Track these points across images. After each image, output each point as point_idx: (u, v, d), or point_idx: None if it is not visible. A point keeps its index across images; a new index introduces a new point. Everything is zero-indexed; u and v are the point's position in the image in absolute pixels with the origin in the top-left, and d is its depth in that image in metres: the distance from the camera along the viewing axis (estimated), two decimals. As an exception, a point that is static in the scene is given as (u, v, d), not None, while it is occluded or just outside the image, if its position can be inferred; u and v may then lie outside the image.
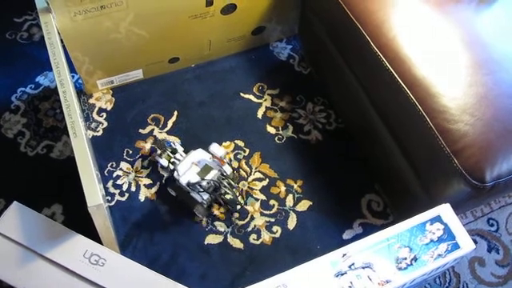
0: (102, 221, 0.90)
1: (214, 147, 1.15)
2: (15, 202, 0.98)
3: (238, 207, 1.19)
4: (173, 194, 1.18)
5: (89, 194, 0.84)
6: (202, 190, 1.11)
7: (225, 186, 1.14)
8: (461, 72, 0.97)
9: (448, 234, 0.85)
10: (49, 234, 0.94)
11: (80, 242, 0.94)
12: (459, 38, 1.01)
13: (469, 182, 0.88)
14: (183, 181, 1.11)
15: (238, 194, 1.19)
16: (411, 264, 0.82)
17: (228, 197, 1.16)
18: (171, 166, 1.17)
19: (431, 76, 0.96)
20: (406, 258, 0.82)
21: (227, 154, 1.15)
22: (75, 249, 0.93)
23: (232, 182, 1.15)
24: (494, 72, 0.97)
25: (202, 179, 1.12)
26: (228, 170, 1.17)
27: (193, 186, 1.10)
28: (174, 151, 1.19)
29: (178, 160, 1.17)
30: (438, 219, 0.86)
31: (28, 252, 0.92)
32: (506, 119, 0.92)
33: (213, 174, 1.13)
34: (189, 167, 1.13)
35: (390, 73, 0.99)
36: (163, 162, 1.18)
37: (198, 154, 1.17)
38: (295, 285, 0.79)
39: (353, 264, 0.81)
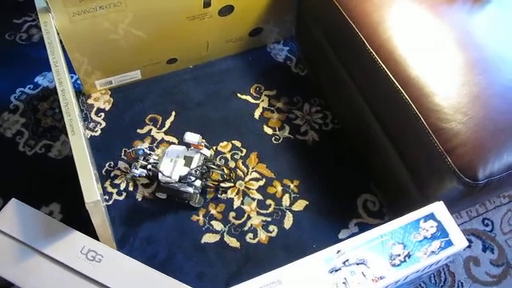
0: (99, 218, 0.91)
1: (189, 135, 1.15)
2: (13, 198, 0.99)
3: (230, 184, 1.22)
4: (163, 197, 1.19)
5: (86, 191, 0.85)
6: (194, 179, 1.12)
7: (212, 168, 1.16)
8: (454, 72, 0.98)
9: (441, 232, 0.85)
10: (46, 231, 0.95)
11: (77, 238, 0.95)
12: (453, 39, 1.02)
13: (462, 180, 0.89)
14: (175, 177, 1.12)
15: (225, 171, 1.21)
16: (405, 260, 0.82)
17: (215, 177, 1.19)
18: (150, 173, 1.17)
19: (425, 76, 0.97)
20: (399, 255, 0.83)
21: (201, 138, 1.16)
22: (72, 245, 0.94)
23: (217, 162, 1.18)
24: (486, 72, 0.98)
25: (191, 169, 1.13)
26: (207, 152, 1.18)
27: (185, 178, 1.12)
28: (147, 157, 1.18)
29: (155, 163, 1.17)
30: (431, 217, 0.87)
31: (26, 248, 0.93)
32: (497, 118, 0.93)
33: (197, 160, 1.15)
34: (173, 164, 1.14)
35: (385, 73, 1.00)
36: (140, 172, 1.16)
37: (173, 150, 1.17)
38: (290, 281, 0.79)
39: (347, 260, 0.82)
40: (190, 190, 1.15)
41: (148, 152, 1.19)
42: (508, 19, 1.08)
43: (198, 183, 1.15)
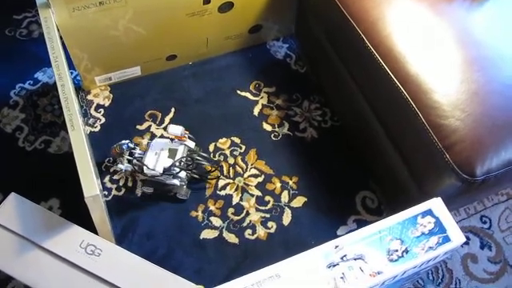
0: (98, 213, 0.92)
1: (171, 128, 1.15)
2: (13, 193, 0.99)
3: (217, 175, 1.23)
4: (150, 191, 1.18)
5: (86, 185, 0.85)
6: (178, 170, 1.13)
7: (197, 159, 1.16)
8: (453, 69, 0.98)
9: (439, 228, 0.86)
10: (46, 225, 0.95)
11: (76, 232, 0.95)
12: (452, 36, 1.03)
13: (460, 176, 0.90)
14: (159, 169, 1.12)
15: (211, 163, 1.21)
16: (402, 256, 0.83)
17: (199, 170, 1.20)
18: (136, 167, 1.17)
19: (424, 73, 0.98)
20: (397, 250, 0.83)
21: (185, 130, 1.17)
22: (72, 239, 0.94)
23: (202, 153, 1.18)
24: (485, 69, 0.98)
25: (175, 160, 1.13)
26: (191, 144, 1.19)
27: (169, 170, 1.12)
28: (132, 152, 1.18)
29: (140, 157, 1.17)
30: (429, 213, 0.87)
31: (25, 242, 0.93)
32: (495, 115, 0.93)
33: (181, 152, 1.15)
34: (156, 157, 1.14)
35: (384, 70, 1.00)
36: (125, 167, 1.16)
37: (158, 142, 1.18)
38: (288, 275, 0.80)
39: (345, 255, 0.82)
40: (176, 182, 1.15)
41: (132, 146, 1.18)
42: (506, 17, 1.09)
43: (182, 175, 1.15)
